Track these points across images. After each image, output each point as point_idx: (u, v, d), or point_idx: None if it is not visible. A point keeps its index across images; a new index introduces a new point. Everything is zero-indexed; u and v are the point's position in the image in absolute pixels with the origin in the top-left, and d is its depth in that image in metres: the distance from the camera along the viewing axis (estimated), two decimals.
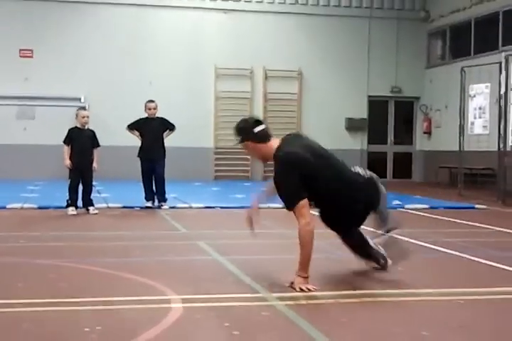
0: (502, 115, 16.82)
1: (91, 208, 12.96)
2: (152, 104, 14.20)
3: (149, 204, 13.96)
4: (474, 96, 19.82)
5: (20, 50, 22.49)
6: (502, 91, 16.76)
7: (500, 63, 16.94)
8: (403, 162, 25.51)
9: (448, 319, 5.54)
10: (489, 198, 16.60)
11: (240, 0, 24.07)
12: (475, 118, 19.41)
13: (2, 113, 22.09)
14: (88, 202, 13.02)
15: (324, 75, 24.48)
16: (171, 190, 14.77)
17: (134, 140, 14.50)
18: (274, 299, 6.03)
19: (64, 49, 22.61)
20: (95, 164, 13.00)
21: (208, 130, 23.61)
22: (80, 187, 12.99)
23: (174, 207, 13.96)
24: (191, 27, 23.59)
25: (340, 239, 7.11)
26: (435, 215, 13.20)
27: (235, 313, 5.63)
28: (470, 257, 8.31)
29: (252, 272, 7.13)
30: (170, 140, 14.48)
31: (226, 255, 8.23)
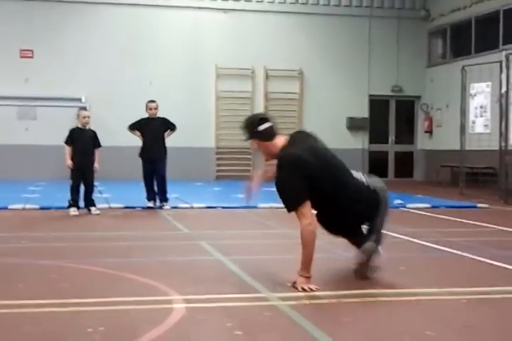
0: (503, 114, 16.81)
1: (93, 208, 12.97)
2: (153, 104, 14.20)
3: (151, 204, 13.96)
4: (475, 95, 19.75)
5: (20, 51, 22.50)
6: (503, 90, 16.75)
7: (500, 62, 16.93)
8: (404, 161, 25.52)
9: (451, 319, 5.54)
10: (491, 197, 16.60)
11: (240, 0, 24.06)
12: (476, 117, 19.34)
13: (3, 113, 22.11)
14: (90, 203, 13.02)
15: (325, 75, 24.49)
16: (173, 190, 14.77)
17: (135, 140, 14.51)
18: (277, 299, 6.03)
19: (64, 49, 22.62)
20: (96, 164, 13.02)
21: (209, 130, 23.61)
22: (82, 187, 13.00)
23: (176, 207, 13.96)
24: (192, 27, 23.59)
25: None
26: (437, 214, 13.20)
27: (238, 313, 5.62)
28: (472, 256, 8.30)
29: (255, 272, 7.13)
30: (171, 140, 14.49)
31: (228, 255, 8.22)
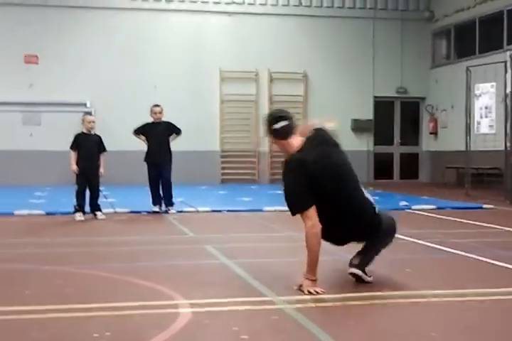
0: (508, 114, 16.80)
1: (98, 213, 12.98)
2: (158, 109, 14.21)
3: (156, 208, 13.96)
4: (480, 95, 19.75)
5: (25, 56, 22.54)
6: (508, 90, 16.73)
7: (505, 62, 16.92)
8: (410, 163, 25.49)
9: (457, 320, 5.55)
10: (496, 198, 16.58)
11: (244, 3, 24.07)
12: (481, 117, 19.34)
13: (8, 119, 22.14)
14: (95, 207, 13.04)
15: (329, 77, 24.49)
16: (178, 194, 14.78)
17: (140, 144, 14.53)
18: (283, 302, 6.03)
19: (69, 55, 22.65)
20: (102, 169, 13.03)
21: (214, 133, 23.61)
22: (87, 192, 13.02)
23: (181, 211, 13.96)
24: (195, 30, 23.61)
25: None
26: (442, 216, 13.19)
27: (244, 317, 5.63)
28: (478, 257, 8.30)
29: (260, 275, 7.13)
30: (176, 144, 14.49)
31: (234, 259, 8.23)
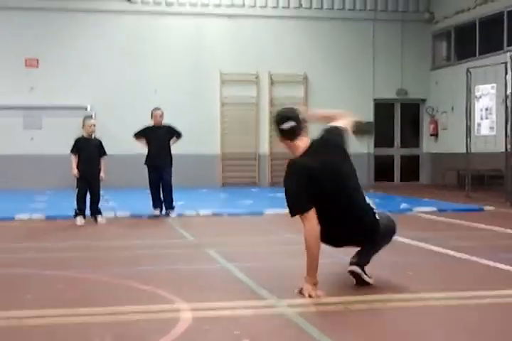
0: (509, 116, 16.78)
1: (99, 217, 12.97)
2: (158, 112, 14.20)
3: (157, 212, 13.95)
4: (480, 97, 19.74)
5: (25, 60, 22.54)
6: (508, 91, 16.71)
7: (505, 63, 16.91)
8: (410, 165, 25.43)
9: (459, 323, 5.55)
10: (497, 199, 16.55)
11: (244, 5, 24.06)
12: (481, 119, 19.32)
13: (9, 123, 22.10)
14: (96, 211, 13.02)
15: (330, 79, 24.47)
16: (179, 198, 14.75)
17: (141, 148, 14.51)
18: (284, 306, 6.03)
19: (69, 58, 22.63)
20: (103, 173, 13.01)
21: (215, 136, 23.58)
22: (88, 196, 13.02)
23: (182, 215, 13.95)
24: (195, 33, 23.60)
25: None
26: (443, 218, 13.18)
27: (245, 321, 5.63)
28: (479, 260, 8.29)
29: (261, 279, 7.13)
30: (177, 147, 14.49)
31: (234, 262, 8.23)
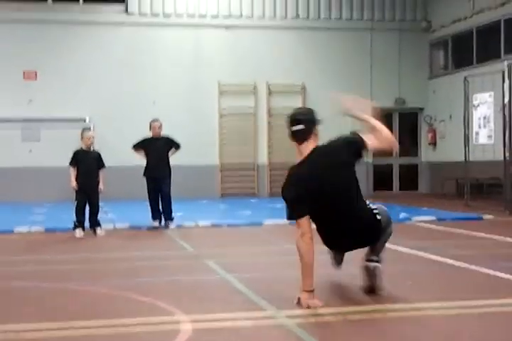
0: (507, 124, 16.80)
1: (98, 229, 12.96)
2: (157, 124, 14.22)
3: (156, 223, 13.94)
4: (478, 105, 19.79)
5: (24, 72, 22.57)
6: (506, 99, 16.73)
7: (503, 71, 16.94)
8: (409, 174, 25.42)
9: (458, 332, 5.54)
10: (496, 208, 16.55)
11: (241, 16, 24.10)
12: (480, 127, 19.36)
13: (7, 135, 22.10)
14: (95, 223, 13.01)
15: (327, 88, 24.40)
16: (178, 209, 14.76)
17: (139, 159, 14.52)
18: (283, 317, 6.02)
19: (67, 71, 22.65)
20: (101, 185, 13.01)
21: (213, 147, 23.58)
22: (87, 208, 13.01)
23: (181, 226, 13.94)
24: (193, 44, 23.63)
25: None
26: (442, 227, 13.18)
27: (245, 332, 5.62)
28: (479, 269, 8.28)
29: (261, 290, 7.12)
30: (175, 158, 14.49)
31: (234, 273, 8.22)
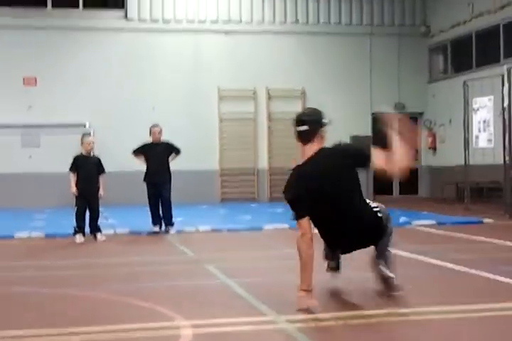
0: (506, 128, 16.80)
1: (98, 235, 12.96)
2: (157, 129, 14.23)
3: (156, 228, 13.94)
4: (478, 109, 19.78)
5: (23, 79, 22.59)
6: (506, 103, 16.74)
7: (502, 75, 16.96)
8: (409, 178, 25.36)
9: (459, 336, 5.53)
10: (496, 212, 16.54)
11: (241, 21, 24.12)
12: (479, 131, 19.35)
13: (7, 141, 22.11)
14: (95, 229, 13.02)
15: (327, 93, 24.48)
16: (178, 214, 14.76)
17: (139, 165, 14.54)
18: (284, 322, 6.02)
19: (67, 76, 22.66)
20: (101, 191, 13.02)
21: (213, 152, 23.58)
22: (87, 213, 13.01)
23: (181, 231, 13.94)
24: (193, 50, 23.64)
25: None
26: (442, 231, 13.17)
27: (246, 337, 5.62)
28: (479, 273, 8.28)
29: (261, 295, 7.12)
30: (175, 163, 14.49)
31: (234, 278, 8.22)
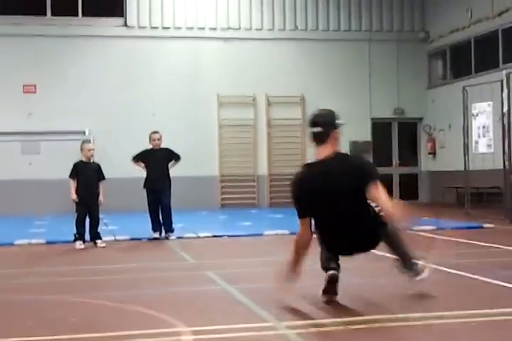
0: (506, 133, 16.81)
1: (98, 241, 12.95)
2: (156, 135, 14.23)
3: (156, 235, 13.93)
4: (477, 115, 19.78)
5: (23, 86, 22.61)
6: (505, 109, 16.75)
7: (501, 81, 16.97)
8: (409, 183, 25.41)
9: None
10: (496, 217, 16.54)
11: (240, 28, 24.16)
12: (479, 137, 19.34)
13: (7, 148, 22.16)
14: (95, 235, 13.01)
15: (327, 99, 24.42)
16: (178, 220, 14.76)
17: (139, 171, 14.55)
18: (284, 328, 6.00)
19: (67, 84, 22.70)
20: (101, 197, 13.02)
21: (213, 158, 23.61)
22: (87, 220, 13.00)
23: (181, 237, 13.95)
24: (192, 57, 23.68)
25: None
26: (443, 236, 13.16)
27: None
28: (480, 278, 8.26)
29: (261, 301, 7.09)
30: (175, 170, 14.50)
31: (235, 284, 8.20)
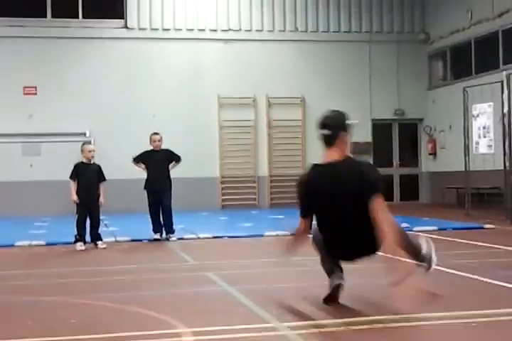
0: (506, 134, 16.81)
1: (99, 242, 12.94)
2: (157, 137, 14.24)
3: (157, 236, 13.93)
4: (478, 115, 19.80)
5: (24, 88, 22.62)
6: (505, 109, 16.75)
7: (502, 82, 16.98)
8: (410, 184, 25.43)
9: None
10: (497, 217, 16.54)
11: (240, 29, 24.17)
12: (479, 137, 19.36)
13: (8, 150, 22.16)
14: (96, 237, 13.00)
15: (327, 100, 24.40)
16: (179, 221, 14.76)
17: (140, 173, 14.55)
18: (286, 329, 6.00)
19: (67, 85, 22.71)
20: (102, 199, 13.01)
21: (214, 159, 23.61)
22: (88, 221, 13.00)
23: (182, 239, 13.94)
24: (193, 58, 23.68)
25: None
26: (444, 237, 13.15)
27: None
28: (481, 278, 8.26)
29: (262, 302, 7.10)
30: (176, 171, 14.50)
31: (235, 285, 8.20)
